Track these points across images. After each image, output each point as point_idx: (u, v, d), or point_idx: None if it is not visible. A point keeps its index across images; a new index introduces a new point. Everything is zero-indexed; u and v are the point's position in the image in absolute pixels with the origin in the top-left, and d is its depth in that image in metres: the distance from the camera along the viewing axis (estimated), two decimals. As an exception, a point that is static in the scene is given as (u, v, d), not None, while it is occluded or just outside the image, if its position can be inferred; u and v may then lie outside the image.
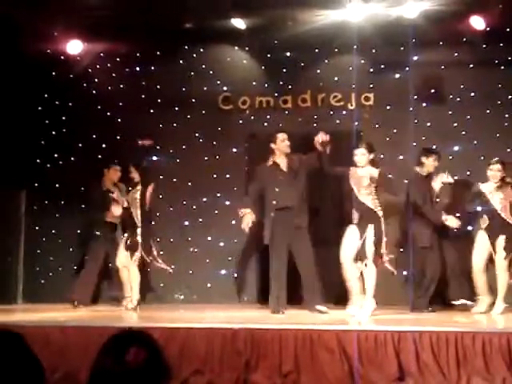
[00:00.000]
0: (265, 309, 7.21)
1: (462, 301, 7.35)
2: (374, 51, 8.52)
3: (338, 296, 7.32)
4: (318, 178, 7.52)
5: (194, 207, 8.71)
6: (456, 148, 8.30)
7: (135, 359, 1.94)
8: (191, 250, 8.64)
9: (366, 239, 6.62)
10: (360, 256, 6.64)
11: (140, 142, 7.94)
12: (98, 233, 8.20)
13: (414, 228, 7.40)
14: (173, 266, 7.91)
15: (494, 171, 7.30)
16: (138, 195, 7.82)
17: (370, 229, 6.64)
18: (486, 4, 7.76)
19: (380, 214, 6.72)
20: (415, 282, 7.39)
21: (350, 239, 6.77)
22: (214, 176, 8.69)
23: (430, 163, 7.51)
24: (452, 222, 7.24)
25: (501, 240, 7.12)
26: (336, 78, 8.69)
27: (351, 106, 8.59)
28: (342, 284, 6.89)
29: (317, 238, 7.43)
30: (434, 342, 5.02)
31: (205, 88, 8.89)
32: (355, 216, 6.82)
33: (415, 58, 8.32)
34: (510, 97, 8.29)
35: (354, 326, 5.69)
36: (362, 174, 6.89)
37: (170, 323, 5.69)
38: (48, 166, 8.99)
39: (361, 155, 6.92)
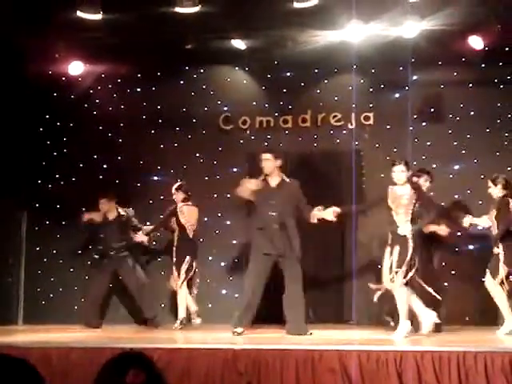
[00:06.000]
0: (266, 329, 7.20)
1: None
2: (373, 71, 8.58)
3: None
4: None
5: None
6: (456, 167, 8.32)
7: (135, 381, 1.94)
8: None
9: (392, 261, 6.41)
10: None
11: None
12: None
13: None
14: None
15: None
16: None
17: (395, 251, 6.42)
18: (484, 24, 7.81)
19: (409, 235, 6.39)
20: None
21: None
22: (215, 196, 8.70)
23: (421, 183, 7.10)
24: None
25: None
26: (336, 98, 8.73)
27: (351, 125, 8.61)
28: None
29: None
30: (436, 362, 4.98)
31: (205, 108, 8.93)
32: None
33: (414, 77, 8.37)
34: (509, 115, 8.32)
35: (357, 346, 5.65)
36: (402, 192, 6.56)
37: (170, 344, 5.68)
38: (49, 186, 9.01)
39: (400, 172, 6.57)
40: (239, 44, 8.59)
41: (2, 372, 1.79)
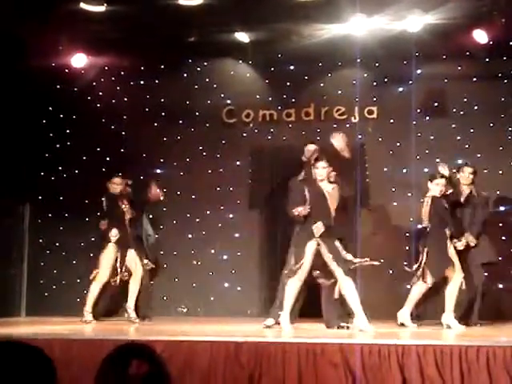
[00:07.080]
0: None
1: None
2: (377, 65, 8.55)
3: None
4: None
5: (198, 220, 8.72)
6: (459, 161, 8.29)
7: (137, 372, 1.95)
8: (195, 262, 8.64)
9: (325, 255, 6.43)
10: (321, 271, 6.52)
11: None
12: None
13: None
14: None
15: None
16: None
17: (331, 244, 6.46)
18: (488, 18, 7.79)
19: (340, 230, 6.54)
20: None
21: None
22: (218, 189, 8.70)
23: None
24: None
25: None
26: (339, 92, 8.71)
27: (354, 119, 8.60)
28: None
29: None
30: (438, 356, 4.99)
31: (208, 101, 8.92)
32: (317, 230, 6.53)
33: (418, 71, 8.35)
34: (513, 110, 8.31)
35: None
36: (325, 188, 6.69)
37: (173, 336, 5.68)
38: (52, 178, 9.02)
39: (321, 168, 6.73)
40: (243, 37, 8.57)
41: (17, 358, 1.80)
